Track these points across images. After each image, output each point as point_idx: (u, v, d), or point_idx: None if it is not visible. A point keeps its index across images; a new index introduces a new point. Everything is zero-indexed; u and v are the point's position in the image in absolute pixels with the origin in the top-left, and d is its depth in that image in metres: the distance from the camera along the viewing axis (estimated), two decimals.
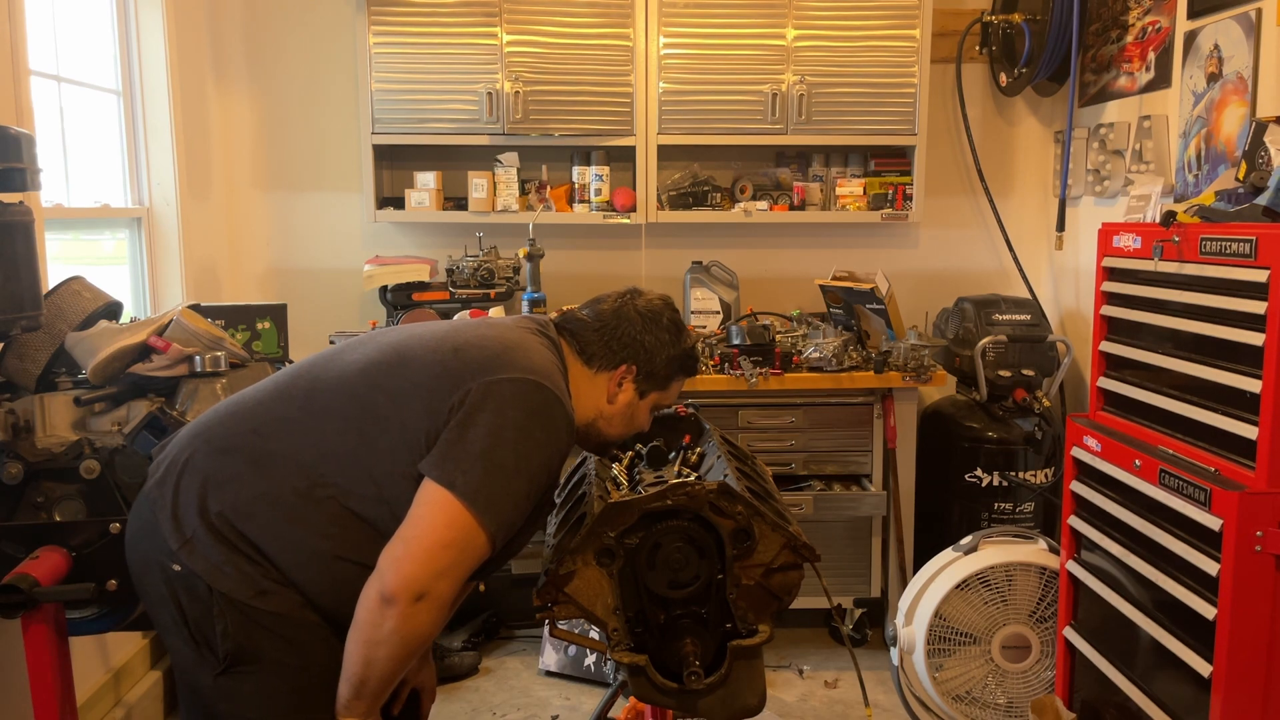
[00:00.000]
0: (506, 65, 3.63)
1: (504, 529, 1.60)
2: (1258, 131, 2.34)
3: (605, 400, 1.87)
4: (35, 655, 2.00)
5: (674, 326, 1.92)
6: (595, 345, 1.87)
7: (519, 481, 1.61)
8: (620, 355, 1.87)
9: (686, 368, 1.95)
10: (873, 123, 3.74)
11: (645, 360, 1.88)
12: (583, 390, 1.85)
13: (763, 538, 1.77)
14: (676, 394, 1.98)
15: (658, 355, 1.89)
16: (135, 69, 3.42)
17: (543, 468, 1.66)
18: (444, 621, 1.63)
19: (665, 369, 1.90)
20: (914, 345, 3.47)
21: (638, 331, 1.88)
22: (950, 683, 2.82)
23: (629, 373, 1.88)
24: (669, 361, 1.90)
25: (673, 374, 1.93)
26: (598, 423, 1.89)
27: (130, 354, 2.24)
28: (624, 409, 1.90)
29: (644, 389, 1.90)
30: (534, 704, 3.22)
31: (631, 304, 1.92)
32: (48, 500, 2.06)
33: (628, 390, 1.89)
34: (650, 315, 1.91)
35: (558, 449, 1.69)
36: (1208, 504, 1.97)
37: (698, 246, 3.98)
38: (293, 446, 1.66)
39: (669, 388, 1.94)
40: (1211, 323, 2.06)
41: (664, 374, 1.91)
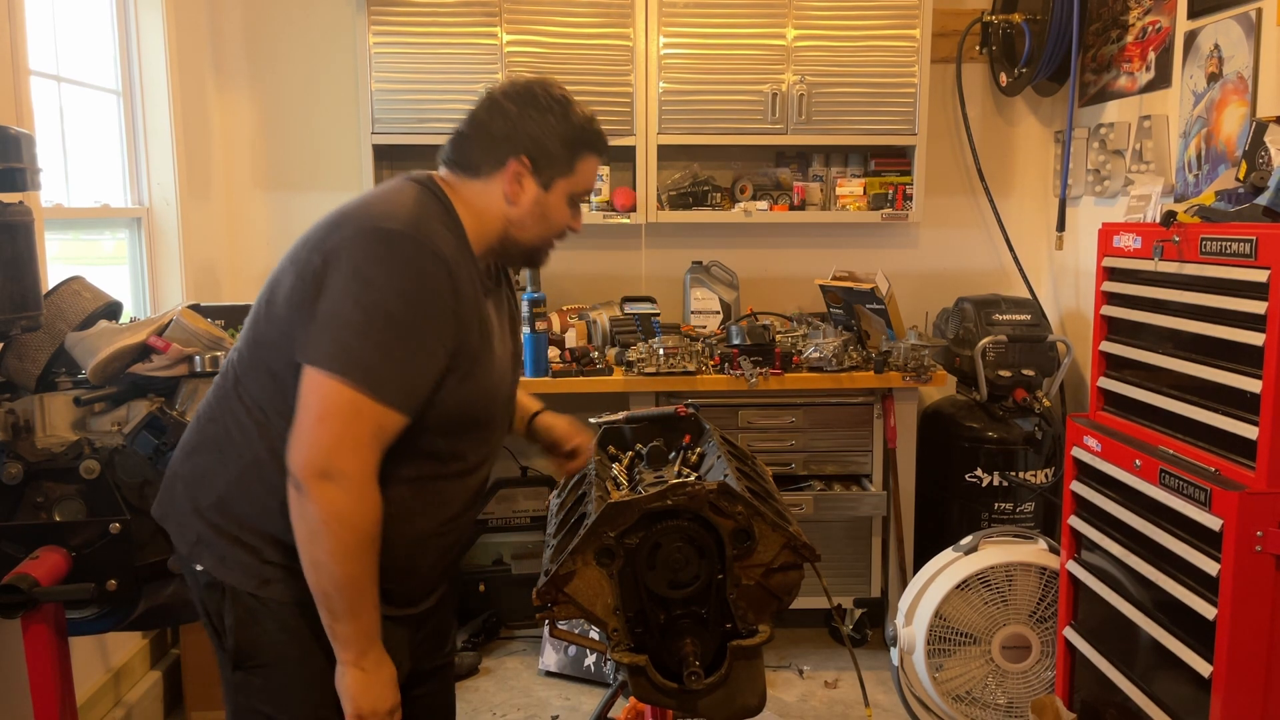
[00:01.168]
0: (506, 65, 3.63)
1: (387, 383, 1.48)
2: (1258, 131, 2.34)
3: (507, 204, 1.67)
4: (35, 655, 2.00)
5: (555, 102, 1.68)
6: (475, 151, 1.67)
7: (377, 332, 1.48)
8: (504, 150, 1.65)
9: (589, 143, 1.71)
10: (873, 123, 3.74)
11: (533, 147, 1.65)
12: (482, 205, 1.67)
13: (763, 538, 1.77)
14: (593, 177, 1.75)
15: (546, 137, 1.66)
16: (135, 69, 3.42)
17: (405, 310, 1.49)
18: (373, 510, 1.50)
19: (562, 150, 1.67)
20: (914, 345, 3.47)
21: (514, 119, 1.66)
22: (950, 683, 2.82)
23: (522, 166, 1.66)
24: (563, 140, 1.67)
25: (574, 153, 1.69)
26: (510, 231, 1.69)
27: (130, 354, 2.24)
28: (531, 207, 1.68)
29: (546, 180, 1.68)
30: (534, 704, 3.22)
31: (502, 96, 1.69)
32: (48, 500, 2.06)
33: (528, 186, 1.67)
34: (523, 97, 1.67)
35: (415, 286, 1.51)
36: (1208, 504, 1.97)
37: (698, 246, 3.98)
38: (236, 417, 1.62)
39: (576, 170, 1.70)
40: (1211, 323, 2.06)
41: (563, 156, 1.68)
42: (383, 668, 1.58)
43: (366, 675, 1.56)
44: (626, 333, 3.68)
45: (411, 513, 1.63)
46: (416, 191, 1.63)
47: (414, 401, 1.52)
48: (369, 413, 1.48)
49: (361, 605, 1.53)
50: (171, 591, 2.15)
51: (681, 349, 3.46)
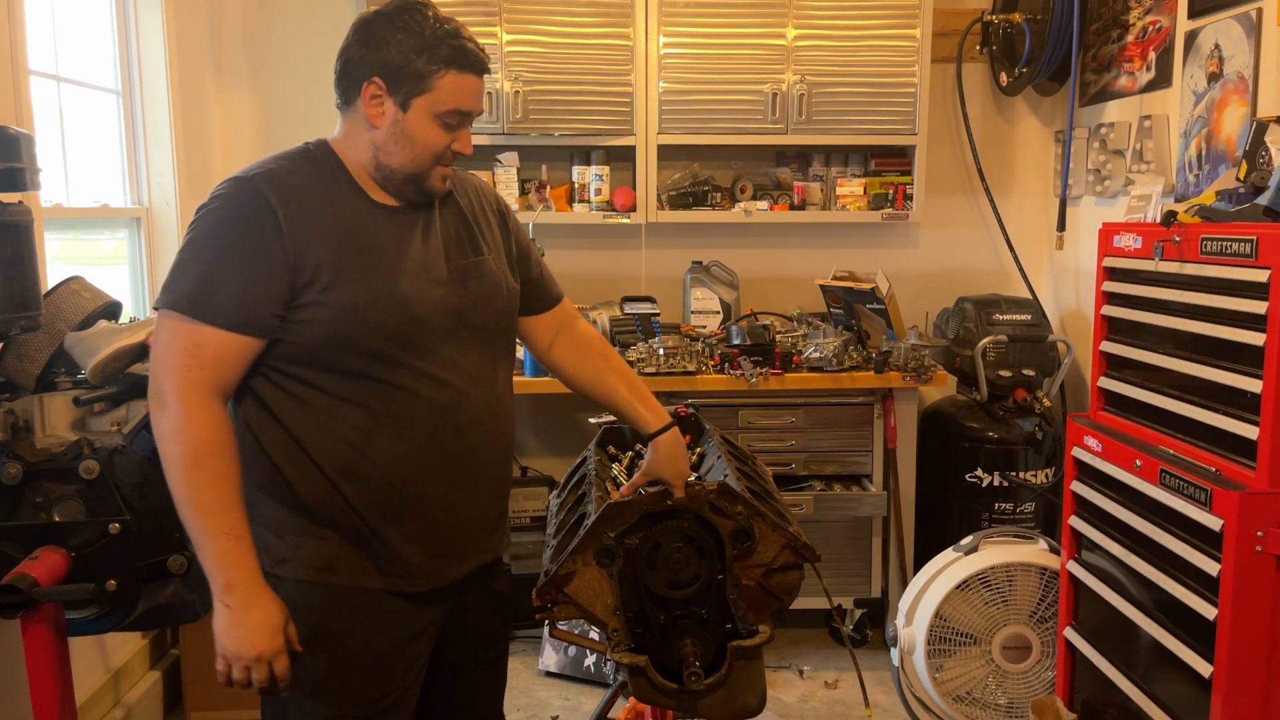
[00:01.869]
0: (506, 65, 3.63)
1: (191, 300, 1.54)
2: (1258, 131, 2.34)
3: (368, 129, 1.65)
4: (35, 655, 2.00)
5: (410, 19, 1.61)
6: (341, 81, 1.67)
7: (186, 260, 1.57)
8: (358, 74, 1.63)
9: (447, 58, 1.62)
10: (873, 122, 3.74)
11: (383, 67, 1.61)
12: (352, 137, 1.68)
13: (763, 538, 1.77)
14: (464, 94, 1.66)
15: (396, 55, 1.60)
16: (135, 69, 3.42)
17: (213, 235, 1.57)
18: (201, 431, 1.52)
19: (412, 66, 1.61)
20: (914, 345, 3.47)
21: (365, 40, 1.63)
22: (951, 683, 2.82)
23: (378, 89, 1.62)
24: (414, 55, 1.60)
25: (426, 69, 1.61)
26: (379, 158, 1.66)
27: (130, 354, 2.23)
28: (392, 129, 1.64)
29: (403, 99, 1.62)
30: (534, 704, 3.22)
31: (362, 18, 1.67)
32: (47, 500, 2.06)
33: (387, 109, 1.63)
34: (378, 17, 1.63)
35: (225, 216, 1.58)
36: (1208, 504, 1.97)
37: (698, 246, 3.98)
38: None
39: (434, 86, 1.62)
40: (1212, 323, 2.05)
41: (414, 72, 1.61)
42: (252, 609, 1.54)
43: (231, 613, 1.54)
44: (626, 333, 3.68)
45: (370, 433, 1.63)
46: (287, 151, 1.70)
47: (235, 317, 1.55)
48: (183, 332, 1.54)
49: (206, 529, 1.53)
50: (171, 591, 2.15)
51: (681, 349, 3.46)
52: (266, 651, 1.55)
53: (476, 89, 1.68)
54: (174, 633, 3.26)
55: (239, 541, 1.54)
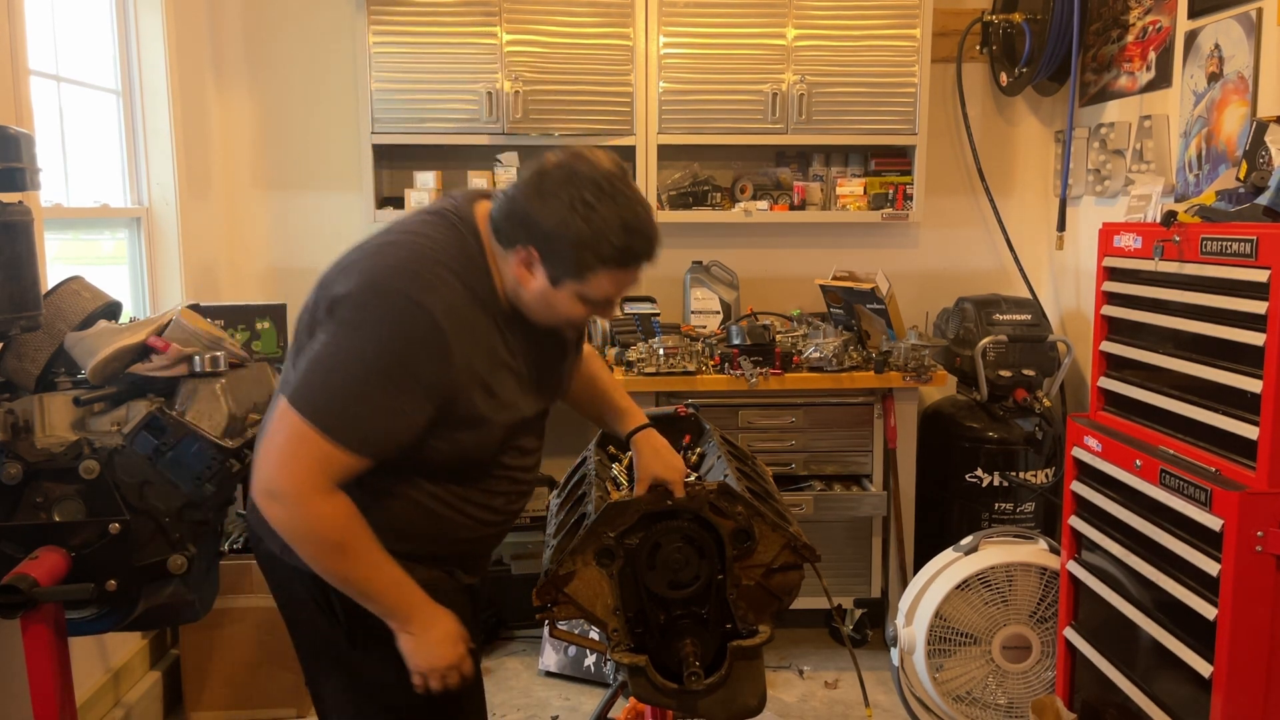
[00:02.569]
0: (506, 65, 3.63)
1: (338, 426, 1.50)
2: (1258, 131, 2.34)
3: (516, 284, 1.60)
4: (35, 655, 2.00)
5: (584, 203, 1.50)
6: (501, 221, 1.58)
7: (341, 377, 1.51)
8: (516, 235, 1.56)
9: (607, 257, 1.53)
10: (873, 122, 3.74)
11: (544, 245, 1.53)
12: (504, 267, 1.61)
13: (763, 538, 1.77)
14: (616, 287, 1.59)
15: (558, 239, 1.52)
16: (135, 69, 3.42)
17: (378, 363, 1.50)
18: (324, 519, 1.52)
19: (573, 256, 1.52)
20: (914, 345, 3.47)
21: (535, 207, 1.53)
22: (951, 683, 2.82)
23: (530, 257, 1.55)
24: (576, 248, 1.52)
25: (587, 264, 1.53)
26: (518, 303, 1.63)
27: (130, 354, 2.23)
28: (539, 296, 1.59)
29: (555, 276, 1.56)
30: (534, 704, 3.22)
31: (549, 171, 1.54)
32: (47, 500, 2.06)
33: (538, 276, 1.57)
34: (557, 182, 1.52)
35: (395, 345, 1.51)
36: (1208, 504, 1.97)
37: (698, 246, 3.98)
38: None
39: (587, 279, 1.55)
40: (1212, 323, 2.05)
41: (573, 261, 1.53)
42: (431, 628, 1.63)
43: (416, 639, 1.62)
44: (626, 333, 3.68)
45: (455, 524, 1.71)
46: (443, 231, 1.60)
47: (373, 448, 1.54)
48: (317, 445, 1.51)
49: (374, 591, 1.60)
50: (171, 591, 2.15)
51: (681, 349, 3.46)
52: (454, 659, 1.66)
53: (635, 278, 1.62)
54: (174, 633, 3.26)
55: (402, 585, 1.61)
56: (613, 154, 1.58)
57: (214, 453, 2.13)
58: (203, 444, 2.13)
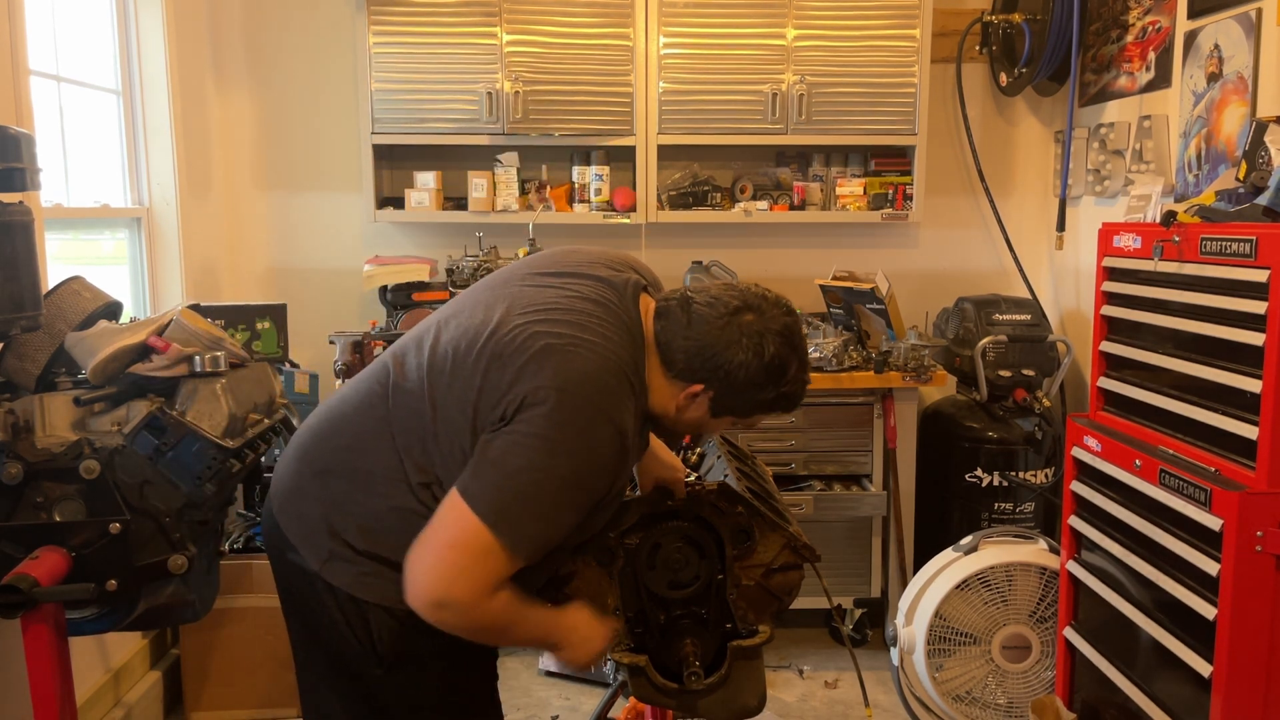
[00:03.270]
0: (506, 65, 3.63)
1: (526, 541, 1.51)
2: (1258, 131, 2.34)
3: (674, 408, 1.66)
4: (35, 655, 2.00)
5: (773, 367, 1.61)
6: (678, 354, 1.62)
7: (535, 495, 1.51)
8: (699, 375, 1.62)
9: (773, 407, 1.68)
10: (873, 122, 3.74)
11: (724, 390, 1.63)
12: (657, 386, 1.66)
13: (763, 538, 1.77)
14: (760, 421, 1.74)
15: (741, 392, 1.63)
16: (135, 69, 3.42)
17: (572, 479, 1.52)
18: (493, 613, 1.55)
19: (749, 403, 1.66)
20: (914, 345, 3.47)
21: (726, 359, 1.60)
22: (950, 683, 2.82)
23: (704, 394, 1.64)
24: (756, 401, 1.65)
25: (754, 410, 1.68)
26: (664, 420, 1.70)
27: (130, 354, 2.23)
28: (693, 421, 1.70)
29: (718, 411, 1.67)
30: (534, 704, 3.22)
31: (738, 322, 1.60)
32: (47, 500, 2.06)
33: (700, 407, 1.66)
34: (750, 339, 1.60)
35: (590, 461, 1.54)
36: (1208, 504, 1.97)
37: (698, 246, 3.98)
38: (383, 460, 1.63)
39: (750, 417, 1.71)
40: (1212, 322, 2.05)
41: (745, 408, 1.67)
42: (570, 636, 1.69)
43: (562, 652, 1.70)
44: None
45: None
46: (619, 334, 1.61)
47: (536, 554, 1.55)
48: (497, 559, 1.50)
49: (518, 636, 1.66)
50: (171, 591, 2.15)
51: None
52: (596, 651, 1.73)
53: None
54: (174, 633, 3.26)
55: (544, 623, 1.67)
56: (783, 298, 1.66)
57: (214, 453, 2.13)
58: (203, 444, 2.13)
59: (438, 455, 1.58)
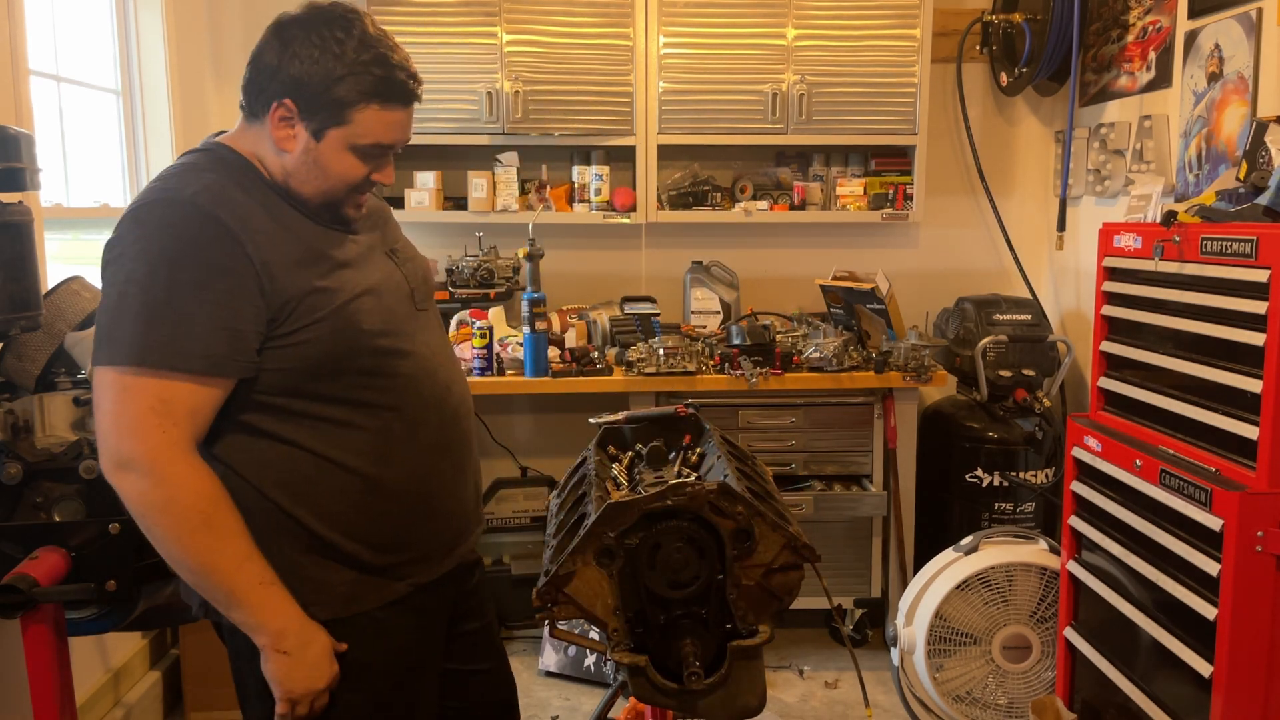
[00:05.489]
0: (506, 65, 3.63)
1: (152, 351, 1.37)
2: (1258, 131, 2.34)
3: (277, 152, 1.49)
4: (35, 655, 2.00)
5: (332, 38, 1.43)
6: (250, 89, 1.48)
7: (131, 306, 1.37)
8: (269, 91, 1.45)
9: (367, 89, 1.45)
10: (873, 122, 3.74)
11: (296, 89, 1.44)
12: (265, 151, 1.51)
13: (763, 538, 1.77)
14: (385, 128, 1.50)
15: (312, 81, 1.43)
16: (135, 69, 3.42)
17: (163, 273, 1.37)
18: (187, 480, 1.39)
19: (329, 93, 1.44)
20: (914, 345, 3.47)
21: (279, 54, 1.44)
22: (951, 683, 2.82)
23: (287, 111, 1.46)
24: (333, 83, 1.44)
25: (347, 99, 1.45)
26: (290, 183, 1.51)
27: None
28: (302, 156, 1.48)
29: (315, 128, 1.47)
30: (534, 704, 3.22)
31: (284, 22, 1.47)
32: (47, 500, 2.06)
33: (298, 133, 1.47)
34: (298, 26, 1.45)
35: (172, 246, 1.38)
36: (1208, 504, 1.97)
37: (698, 246, 3.98)
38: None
39: (351, 119, 1.46)
40: (1212, 323, 2.05)
41: (331, 102, 1.45)
42: (309, 646, 1.48)
43: (290, 658, 1.47)
44: (626, 333, 3.68)
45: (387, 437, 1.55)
46: (189, 159, 1.50)
47: (201, 360, 1.38)
48: (145, 389, 1.37)
49: (235, 588, 1.43)
50: (171, 591, 2.15)
51: (681, 349, 3.46)
52: (328, 678, 1.52)
53: (402, 121, 1.53)
54: (174, 633, 3.26)
55: (272, 586, 1.46)
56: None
57: None
58: None
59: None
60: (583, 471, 2.17)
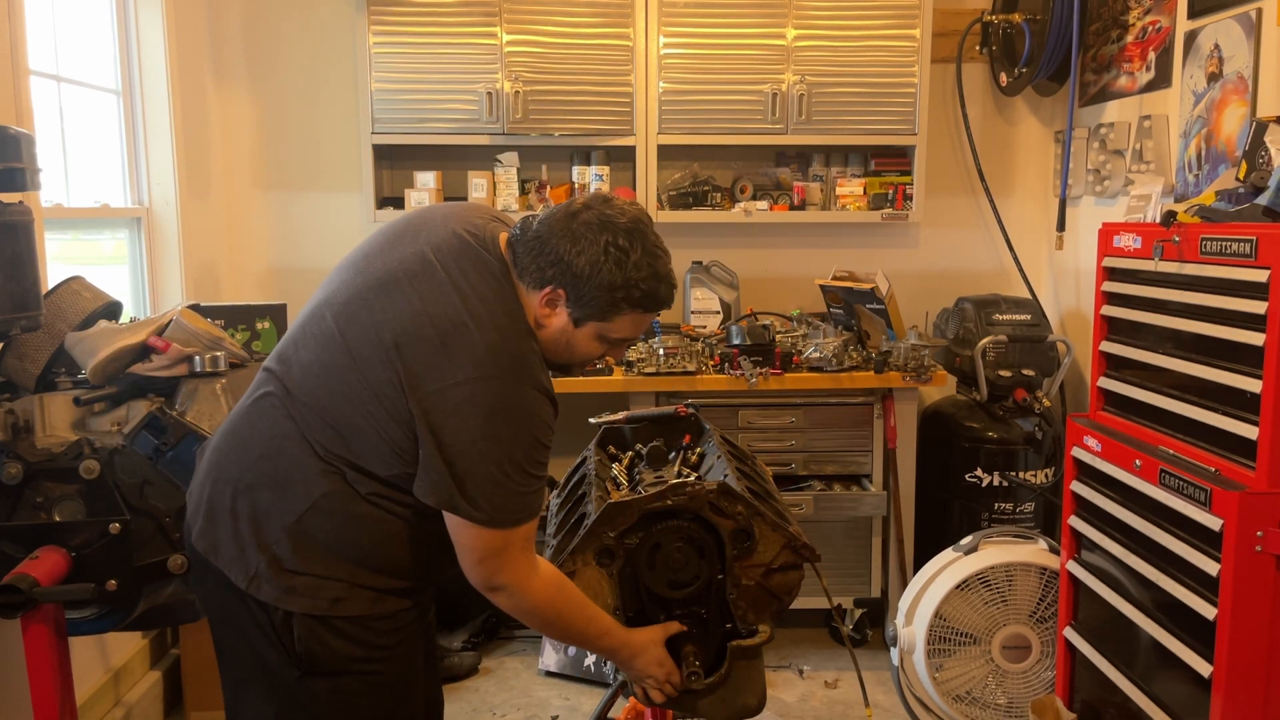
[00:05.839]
0: (506, 65, 3.63)
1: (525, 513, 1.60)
2: (1258, 131, 2.34)
3: (541, 326, 1.65)
4: (35, 655, 2.00)
5: (619, 248, 1.58)
6: (525, 259, 1.62)
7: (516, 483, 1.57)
8: (546, 275, 1.60)
9: (635, 300, 1.62)
10: (873, 122, 3.74)
11: (573, 284, 1.60)
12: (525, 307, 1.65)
13: (763, 538, 1.77)
14: (635, 328, 1.68)
15: (589, 280, 1.59)
16: (135, 69, 3.42)
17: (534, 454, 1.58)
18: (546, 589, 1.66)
19: (602, 298, 1.60)
20: (914, 345, 3.47)
21: (567, 249, 1.58)
22: (950, 683, 2.82)
23: (557, 296, 1.61)
24: (606, 290, 1.59)
25: (614, 305, 1.62)
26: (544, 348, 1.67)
27: (130, 354, 2.24)
28: (557, 335, 1.65)
29: (578, 317, 1.63)
30: (534, 704, 3.22)
31: (579, 214, 1.61)
32: (47, 500, 2.06)
33: (560, 315, 1.63)
34: (590, 230, 1.59)
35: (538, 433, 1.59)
36: (1208, 504, 1.97)
37: (698, 246, 3.98)
38: (300, 459, 1.62)
39: (612, 320, 1.64)
40: (1212, 323, 2.05)
41: (600, 303, 1.61)
42: (639, 656, 1.77)
43: (630, 665, 1.79)
44: None
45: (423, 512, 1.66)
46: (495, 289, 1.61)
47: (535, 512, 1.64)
48: (516, 537, 1.60)
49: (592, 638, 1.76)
50: (171, 591, 2.15)
51: (681, 349, 3.46)
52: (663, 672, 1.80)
53: (651, 320, 1.73)
54: (174, 633, 3.26)
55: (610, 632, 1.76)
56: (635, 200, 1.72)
57: None
58: (203, 444, 2.13)
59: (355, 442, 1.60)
60: (583, 471, 2.17)
